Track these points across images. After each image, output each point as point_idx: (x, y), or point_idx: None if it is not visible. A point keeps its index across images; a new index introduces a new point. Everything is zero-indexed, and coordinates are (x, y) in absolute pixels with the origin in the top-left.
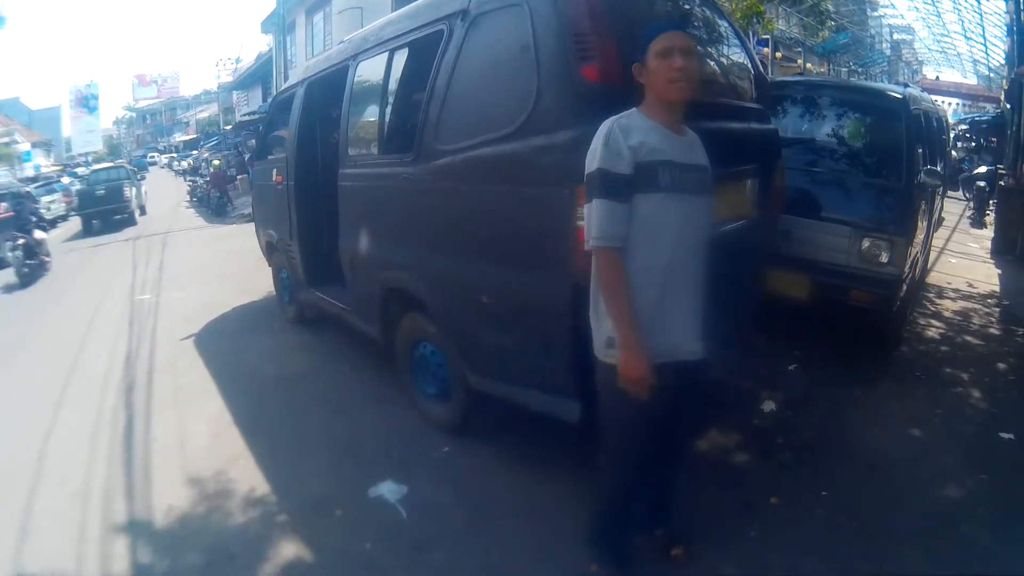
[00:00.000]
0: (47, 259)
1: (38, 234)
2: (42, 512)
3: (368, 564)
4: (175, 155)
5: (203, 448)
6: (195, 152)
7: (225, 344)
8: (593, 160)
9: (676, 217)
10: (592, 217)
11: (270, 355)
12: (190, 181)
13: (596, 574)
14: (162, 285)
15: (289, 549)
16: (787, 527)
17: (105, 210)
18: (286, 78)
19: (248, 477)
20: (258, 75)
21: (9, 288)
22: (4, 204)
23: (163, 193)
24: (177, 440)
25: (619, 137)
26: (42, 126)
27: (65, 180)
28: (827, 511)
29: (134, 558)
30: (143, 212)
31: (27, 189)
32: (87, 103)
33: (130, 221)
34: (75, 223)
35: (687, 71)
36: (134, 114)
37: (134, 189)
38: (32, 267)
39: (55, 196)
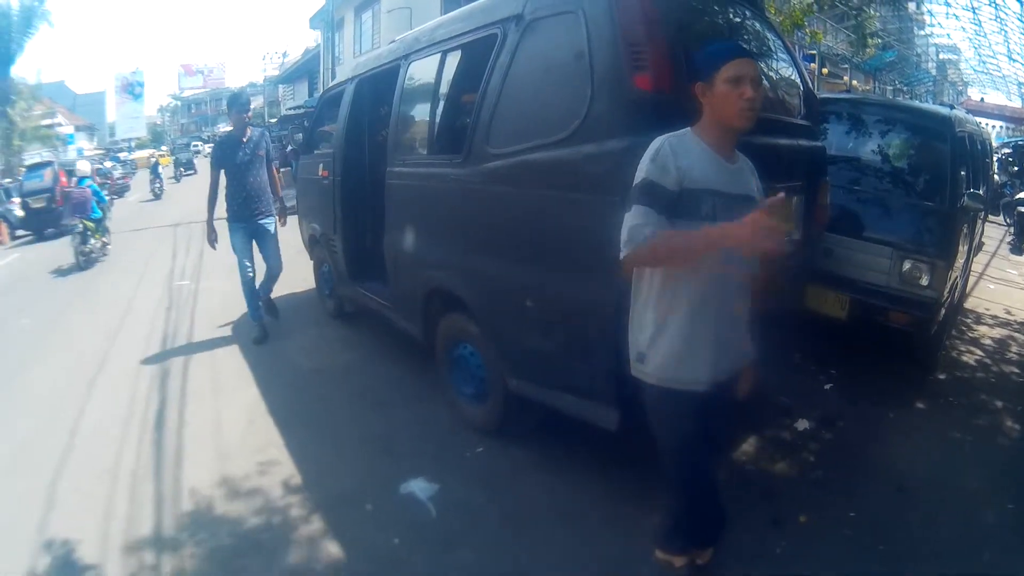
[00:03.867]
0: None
1: None
2: (70, 488)
3: (395, 559)
4: None
5: (236, 435)
6: None
7: None
8: (640, 172)
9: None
10: (625, 224)
11: (308, 347)
12: None
13: (661, 559)
14: (201, 272)
15: (317, 539)
16: (814, 546)
17: (186, 166)
18: (333, 75)
19: (279, 466)
20: (304, 70)
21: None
22: (76, 178)
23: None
24: (211, 426)
25: (669, 155)
26: (86, 111)
27: (107, 164)
28: (854, 532)
29: (159, 539)
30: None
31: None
32: (132, 90)
33: (193, 173)
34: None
35: (756, 102)
36: (179, 103)
37: (195, 159)
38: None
39: None
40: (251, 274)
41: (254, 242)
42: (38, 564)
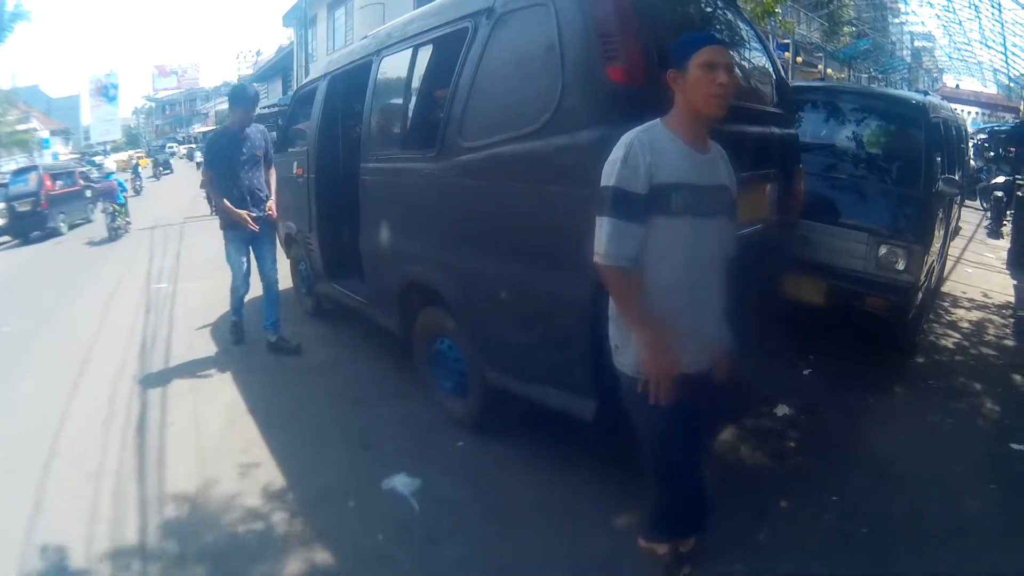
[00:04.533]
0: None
1: None
2: (55, 491)
3: (379, 555)
4: (194, 146)
5: (218, 435)
6: None
7: None
8: (610, 175)
9: (687, 240)
10: (600, 234)
11: None
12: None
13: (645, 548)
14: (179, 274)
15: (301, 538)
16: (796, 532)
17: (163, 166)
18: (307, 72)
19: (261, 465)
20: (278, 68)
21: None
22: (60, 182)
23: (183, 183)
24: (192, 427)
25: (639, 154)
26: (61, 114)
27: (84, 168)
28: (836, 517)
29: (144, 541)
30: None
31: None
32: (106, 92)
33: (170, 173)
34: None
35: (728, 88)
36: (153, 104)
37: (172, 159)
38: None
39: None
40: (244, 291)
41: (251, 251)
42: (26, 566)
